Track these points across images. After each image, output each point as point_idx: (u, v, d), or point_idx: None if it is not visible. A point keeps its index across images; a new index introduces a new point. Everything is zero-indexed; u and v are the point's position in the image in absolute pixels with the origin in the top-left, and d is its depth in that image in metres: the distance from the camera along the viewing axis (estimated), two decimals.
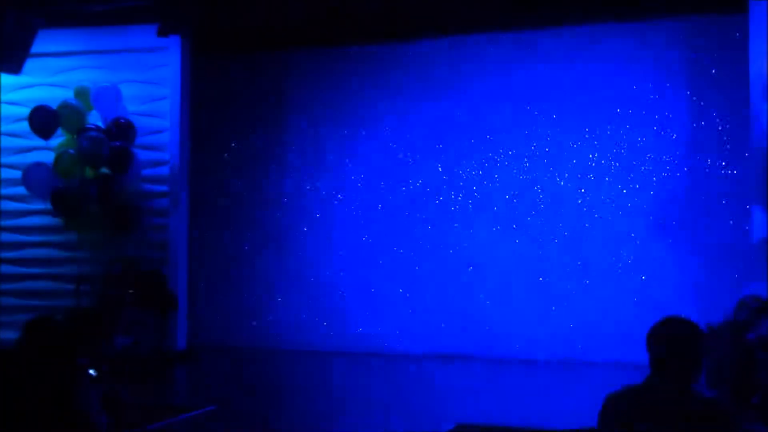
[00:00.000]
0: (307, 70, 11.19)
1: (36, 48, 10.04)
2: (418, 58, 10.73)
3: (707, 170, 9.65)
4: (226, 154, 11.46)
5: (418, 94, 10.71)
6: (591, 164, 10.04)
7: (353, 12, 9.57)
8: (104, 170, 10.32)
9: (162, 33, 10.39)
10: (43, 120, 10.28)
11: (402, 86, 10.78)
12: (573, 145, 10.11)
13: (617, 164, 9.94)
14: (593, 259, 9.96)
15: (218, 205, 11.45)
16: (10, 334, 9.01)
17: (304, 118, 11.19)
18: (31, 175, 10.41)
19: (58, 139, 10.57)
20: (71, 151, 10.31)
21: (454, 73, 10.59)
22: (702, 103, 9.69)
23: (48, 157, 10.49)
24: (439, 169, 10.61)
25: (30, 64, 10.20)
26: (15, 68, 10.01)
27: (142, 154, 10.56)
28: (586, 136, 10.06)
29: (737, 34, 9.41)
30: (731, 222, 9.50)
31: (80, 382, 3.90)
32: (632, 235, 9.87)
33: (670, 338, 3.22)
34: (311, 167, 11.14)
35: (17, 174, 10.72)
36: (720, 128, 9.61)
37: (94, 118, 10.56)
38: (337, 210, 11.02)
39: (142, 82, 10.78)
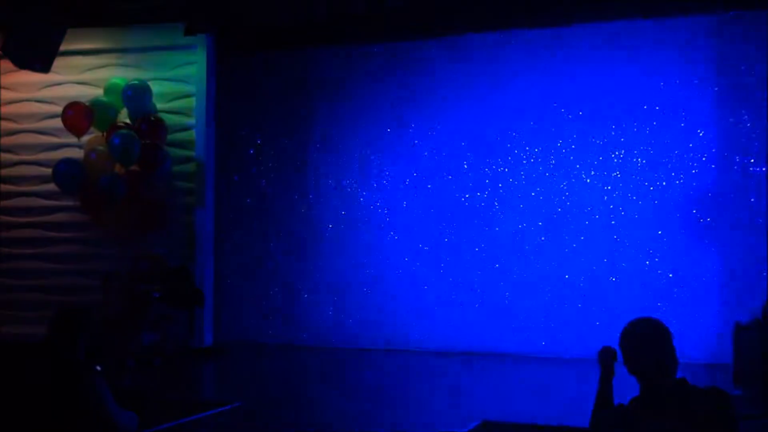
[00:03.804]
0: (332, 69, 11.21)
1: (65, 46, 10.13)
2: (443, 56, 10.72)
3: (735, 167, 9.57)
4: (251, 152, 11.51)
5: (442, 91, 10.69)
6: (617, 161, 9.98)
7: (378, 10, 9.58)
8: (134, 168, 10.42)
9: (189, 32, 10.47)
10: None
11: (427, 84, 10.77)
12: (599, 142, 10.06)
13: (644, 161, 9.88)
14: (619, 257, 9.91)
15: (244, 203, 11.51)
16: (37, 330, 9.11)
17: (329, 116, 11.21)
18: (61, 171, 10.51)
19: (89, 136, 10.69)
20: (101, 148, 10.41)
21: (479, 71, 10.56)
22: (729, 100, 9.61)
23: (77, 155, 10.61)
24: (465, 166, 10.59)
25: (59, 62, 10.30)
26: (44, 67, 10.10)
27: (169, 152, 10.65)
28: (613, 133, 10.01)
29: (766, 29, 9.34)
30: (759, 220, 9.42)
31: (87, 380, 3.84)
32: (659, 232, 9.80)
33: (638, 339, 3.27)
34: (336, 165, 11.16)
35: (46, 171, 10.84)
36: (748, 125, 9.52)
37: (124, 116, 10.68)
38: (362, 208, 11.02)
39: (169, 80, 10.87)
